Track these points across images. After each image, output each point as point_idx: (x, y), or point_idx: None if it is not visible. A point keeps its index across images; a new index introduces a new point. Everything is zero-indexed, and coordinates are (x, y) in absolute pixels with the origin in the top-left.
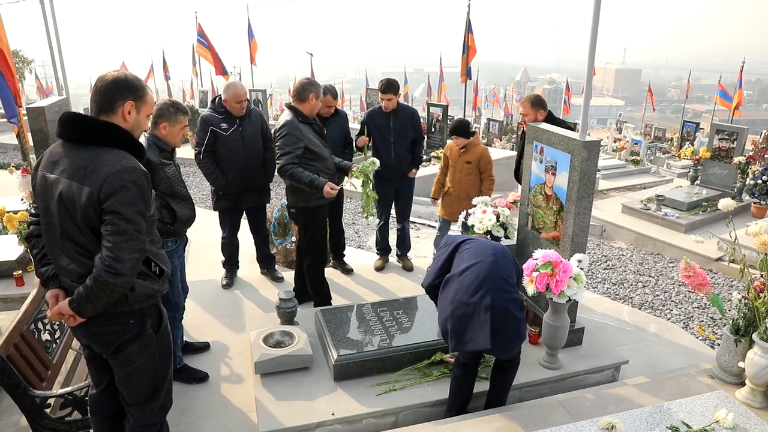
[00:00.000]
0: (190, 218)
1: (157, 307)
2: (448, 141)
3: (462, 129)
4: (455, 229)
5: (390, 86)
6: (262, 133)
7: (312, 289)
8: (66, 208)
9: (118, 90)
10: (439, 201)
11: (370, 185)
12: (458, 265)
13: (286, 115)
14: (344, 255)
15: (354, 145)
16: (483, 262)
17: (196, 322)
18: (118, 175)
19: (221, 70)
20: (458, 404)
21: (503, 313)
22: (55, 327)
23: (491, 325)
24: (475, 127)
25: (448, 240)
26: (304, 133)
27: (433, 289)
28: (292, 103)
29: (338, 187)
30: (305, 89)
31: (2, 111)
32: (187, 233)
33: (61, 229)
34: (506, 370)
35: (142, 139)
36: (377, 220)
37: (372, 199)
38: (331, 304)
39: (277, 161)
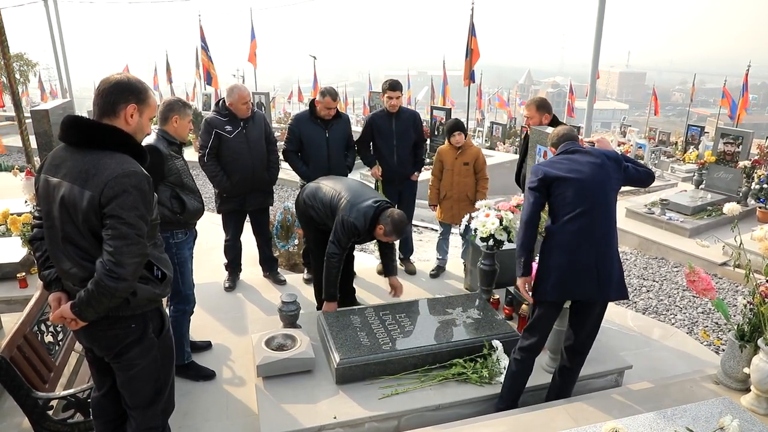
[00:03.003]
0: (199, 210)
1: (159, 311)
2: (441, 146)
3: (462, 126)
4: (456, 233)
5: (397, 85)
6: (265, 136)
7: (318, 295)
8: (68, 212)
9: (120, 93)
10: (438, 206)
11: None
12: (560, 212)
13: (366, 220)
14: None
15: (356, 148)
16: (583, 217)
17: (199, 324)
18: (120, 179)
19: (207, 78)
20: (512, 397)
21: (607, 267)
22: (58, 329)
23: (597, 273)
24: (478, 131)
25: (533, 180)
26: (357, 238)
27: (529, 226)
28: (378, 228)
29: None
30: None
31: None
32: (196, 226)
33: (62, 233)
34: (573, 371)
35: (152, 135)
36: None
37: None
38: None
39: (333, 244)
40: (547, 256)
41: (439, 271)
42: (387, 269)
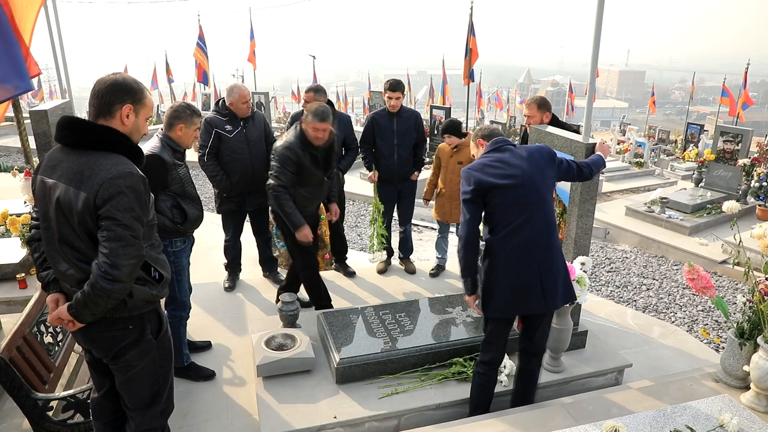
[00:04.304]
0: (199, 218)
1: (157, 312)
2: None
3: (454, 128)
4: (454, 232)
5: (398, 85)
6: (265, 136)
7: (310, 294)
8: (63, 213)
9: (116, 93)
10: (433, 202)
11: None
12: (498, 223)
13: (292, 135)
14: (346, 258)
15: (357, 147)
16: (523, 228)
17: (199, 324)
18: (115, 181)
19: (203, 77)
20: (481, 411)
21: (552, 278)
22: (58, 330)
23: (541, 287)
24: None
25: (467, 190)
26: (300, 159)
27: (469, 245)
28: (302, 125)
29: (311, 238)
30: (318, 115)
31: (8, 114)
32: (194, 233)
33: (59, 234)
34: (532, 372)
35: (155, 140)
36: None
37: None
38: (332, 307)
39: (272, 177)
40: (490, 273)
41: (438, 270)
42: (328, 198)
